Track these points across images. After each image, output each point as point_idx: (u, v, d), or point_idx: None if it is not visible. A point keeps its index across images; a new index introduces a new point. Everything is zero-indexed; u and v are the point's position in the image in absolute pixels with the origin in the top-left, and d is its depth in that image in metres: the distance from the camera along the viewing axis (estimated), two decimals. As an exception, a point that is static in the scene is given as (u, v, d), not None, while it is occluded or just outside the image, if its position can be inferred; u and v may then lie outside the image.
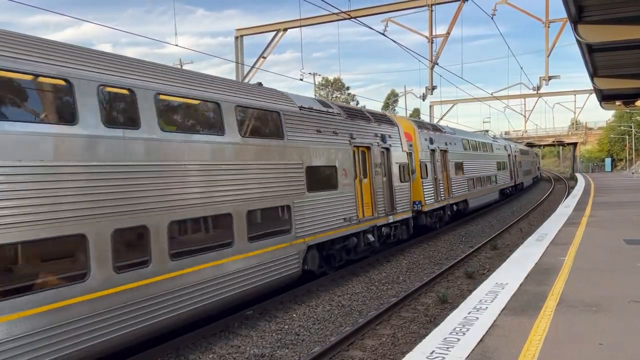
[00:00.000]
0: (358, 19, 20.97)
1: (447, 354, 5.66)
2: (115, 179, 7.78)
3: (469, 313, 7.12)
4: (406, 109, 66.34)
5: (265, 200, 10.92)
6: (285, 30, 36.22)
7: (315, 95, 65.35)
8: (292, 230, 11.73)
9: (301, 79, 35.75)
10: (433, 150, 22.19)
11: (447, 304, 11.41)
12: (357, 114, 15.98)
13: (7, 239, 6.38)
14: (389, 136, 17.30)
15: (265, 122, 11.61)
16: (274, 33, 36.53)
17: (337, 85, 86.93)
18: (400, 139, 18.40)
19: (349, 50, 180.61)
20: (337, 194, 13.68)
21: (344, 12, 22.01)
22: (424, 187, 20.48)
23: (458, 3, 30.70)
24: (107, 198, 7.62)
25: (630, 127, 72.14)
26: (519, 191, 44.75)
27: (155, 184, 8.47)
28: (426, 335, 6.86)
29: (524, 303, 7.56)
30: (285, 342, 9.62)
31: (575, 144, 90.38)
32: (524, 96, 79.53)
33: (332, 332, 10.06)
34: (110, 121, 7.95)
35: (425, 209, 20.41)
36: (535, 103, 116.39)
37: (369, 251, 16.05)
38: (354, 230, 14.38)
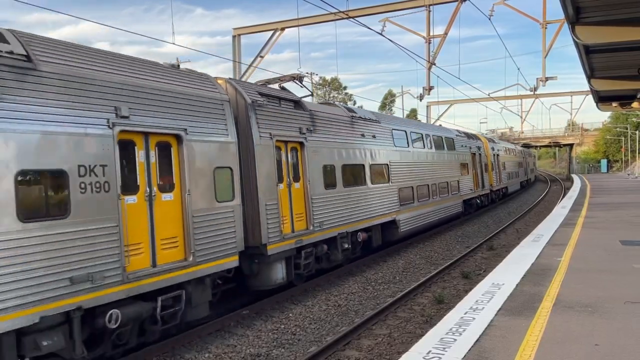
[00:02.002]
0: (356, 18, 20.94)
1: (443, 354, 5.65)
2: (416, 167, 20.30)
3: (465, 313, 7.12)
4: (403, 110, 66.24)
5: (455, 177, 25.14)
6: (282, 29, 36.21)
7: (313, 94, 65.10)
8: (459, 192, 25.49)
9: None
10: (493, 155, 35.37)
11: (444, 304, 11.41)
12: (470, 136, 31.43)
13: (409, 184, 19.20)
14: (480, 147, 31.57)
15: (450, 143, 25.71)
16: (272, 32, 36.53)
17: (335, 85, 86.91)
18: (484, 148, 32.68)
19: (347, 50, 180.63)
20: (468, 177, 27.67)
21: (342, 12, 21.99)
22: (492, 176, 34.09)
23: (456, 3, 30.75)
24: (414, 174, 19.76)
25: (626, 129, 72.34)
26: (529, 184, 58.95)
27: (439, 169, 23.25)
28: (422, 335, 6.87)
29: (521, 304, 7.56)
30: (282, 341, 9.60)
31: (571, 145, 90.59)
32: (521, 97, 79.74)
33: (329, 332, 10.05)
34: (412, 145, 20.32)
35: (494, 189, 34.25)
36: (532, 104, 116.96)
37: (475, 208, 29.64)
38: (472, 196, 28.51)
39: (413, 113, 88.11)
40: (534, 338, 6.10)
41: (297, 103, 13.37)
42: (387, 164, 17.52)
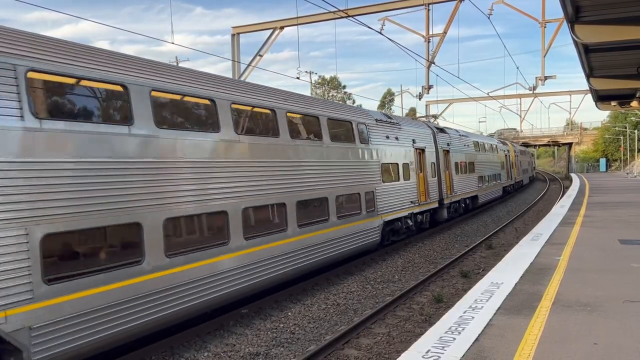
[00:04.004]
0: (355, 17, 20.92)
1: (442, 353, 5.65)
2: (482, 164, 31.90)
3: (464, 312, 7.12)
4: (402, 108, 66.37)
5: (498, 172, 36.82)
6: (281, 28, 36.17)
7: (312, 94, 65.23)
8: (500, 181, 37.18)
9: (298, 78, 35.61)
10: (516, 156, 47.33)
11: (443, 303, 11.41)
12: (503, 143, 43.91)
13: (480, 175, 31.20)
14: (508, 150, 43.05)
15: (494, 148, 37.21)
16: (271, 31, 36.49)
17: (334, 84, 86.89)
18: (510, 151, 44.03)
19: (346, 49, 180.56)
20: (503, 171, 38.81)
21: (341, 11, 21.98)
22: (516, 172, 46.14)
23: (455, 2, 30.76)
24: (482, 168, 31.67)
25: (625, 128, 72.36)
26: (534, 180, 70.83)
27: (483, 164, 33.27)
28: (421, 334, 6.85)
29: (520, 302, 7.56)
30: (281, 340, 9.60)
31: (570, 144, 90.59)
32: (520, 96, 79.78)
33: (327, 331, 10.05)
34: (480, 150, 32.22)
35: (516, 180, 46.27)
36: (531, 103, 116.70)
37: (507, 193, 40.83)
38: (506, 184, 39.55)
39: (412, 112, 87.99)
40: (533, 337, 6.10)
41: (442, 130, 25.16)
42: (474, 162, 29.05)
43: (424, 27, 31.55)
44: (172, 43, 19.31)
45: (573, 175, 63.80)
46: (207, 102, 9.67)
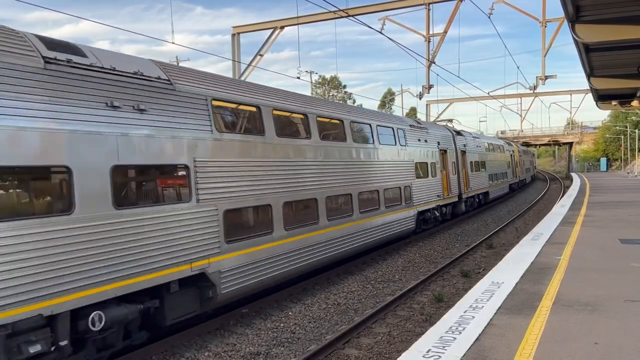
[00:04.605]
0: (355, 17, 20.90)
1: (443, 353, 5.65)
2: (491, 163, 34.73)
3: (464, 312, 7.12)
4: (402, 108, 66.26)
5: (504, 170, 39.35)
6: (282, 28, 36.13)
7: (312, 93, 65.23)
8: (507, 179, 40.29)
9: (298, 77, 35.58)
10: (519, 156, 49.76)
11: (443, 303, 11.41)
12: (509, 143, 47.22)
13: (490, 172, 34.02)
14: (513, 151, 45.44)
15: (501, 148, 40.26)
16: (271, 31, 36.45)
17: (334, 83, 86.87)
18: (515, 151, 46.59)
19: (346, 49, 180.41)
20: (509, 170, 42.27)
21: (342, 10, 21.96)
22: (519, 170, 48.20)
23: (455, 2, 30.74)
24: (490, 167, 33.88)
25: (626, 127, 72.29)
26: (535, 179, 73.80)
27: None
28: (422, 333, 6.85)
29: (520, 302, 7.56)
30: (281, 340, 9.60)
31: (571, 144, 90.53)
32: (521, 95, 79.67)
33: (328, 331, 10.05)
34: (489, 150, 35.16)
35: (519, 178, 48.35)
36: (532, 102, 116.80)
37: (512, 190, 43.20)
38: (511, 182, 42.70)
39: (412, 112, 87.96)
40: (534, 337, 6.09)
41: (459, 133, 28.03)
42: (485, 162, 32.00)
43: (424, 26, 31.54)
44: (173, 43, 19.34)
45: (573, 174, 63.74)
46: (302, 116, 12.79)
